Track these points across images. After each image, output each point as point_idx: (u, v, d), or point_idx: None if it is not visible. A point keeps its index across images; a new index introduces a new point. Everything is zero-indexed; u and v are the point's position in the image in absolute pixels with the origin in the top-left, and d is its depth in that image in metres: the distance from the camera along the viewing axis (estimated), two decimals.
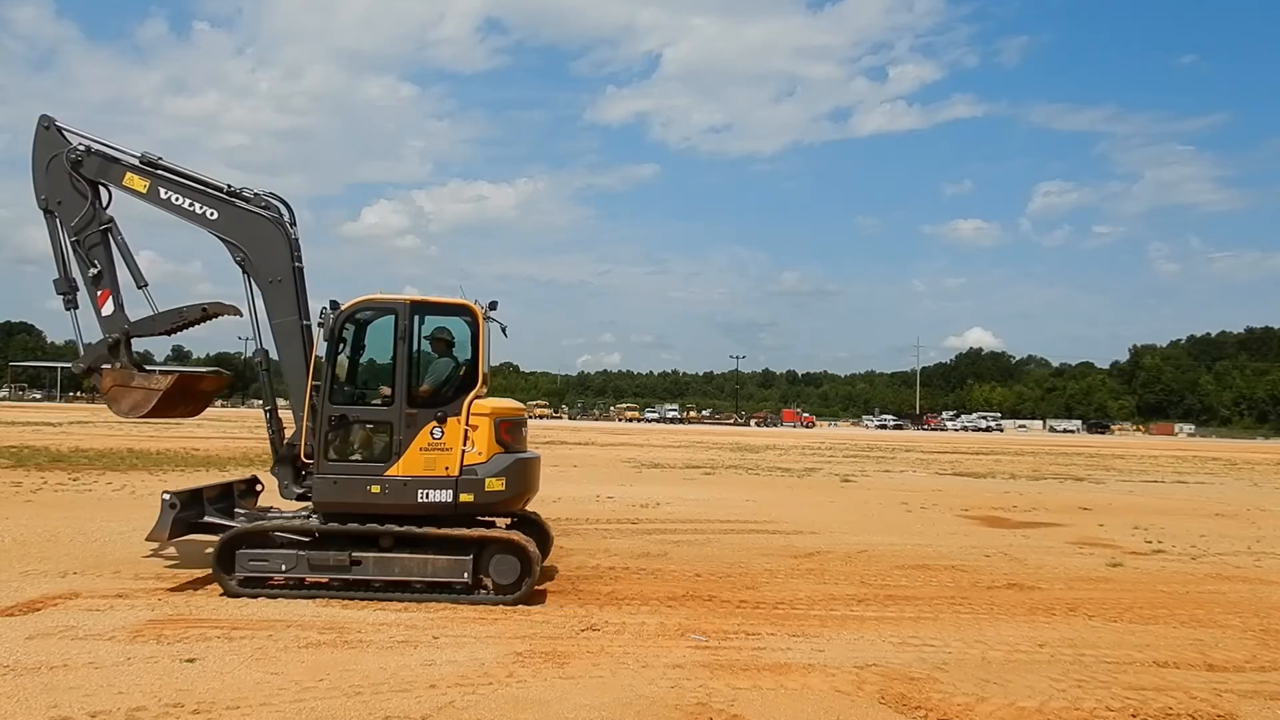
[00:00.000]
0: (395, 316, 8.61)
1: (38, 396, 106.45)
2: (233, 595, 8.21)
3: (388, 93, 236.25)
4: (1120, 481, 27.58)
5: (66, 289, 9.43)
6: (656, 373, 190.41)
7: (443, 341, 8.95)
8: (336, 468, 8.50)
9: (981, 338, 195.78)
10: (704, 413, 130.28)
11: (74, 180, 9.26)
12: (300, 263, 9.19)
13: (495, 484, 8.47)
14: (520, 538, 8.54)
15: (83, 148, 9.31)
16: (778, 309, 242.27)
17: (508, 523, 9.36)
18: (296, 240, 9.23)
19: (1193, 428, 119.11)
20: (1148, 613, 8.98)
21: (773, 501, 18.47)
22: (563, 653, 6.84)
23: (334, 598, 8.22)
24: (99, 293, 9.33)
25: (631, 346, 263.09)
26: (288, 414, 9.15)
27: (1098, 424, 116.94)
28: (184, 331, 9.56)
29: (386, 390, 8.72)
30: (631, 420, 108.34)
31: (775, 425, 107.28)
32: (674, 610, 8.37)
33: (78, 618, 7.39)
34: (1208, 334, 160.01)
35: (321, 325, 8.62)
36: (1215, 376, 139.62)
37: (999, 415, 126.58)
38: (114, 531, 11.47)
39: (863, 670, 6.67)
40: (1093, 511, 18.30)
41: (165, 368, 10.22)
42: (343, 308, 8.67)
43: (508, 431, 8.73)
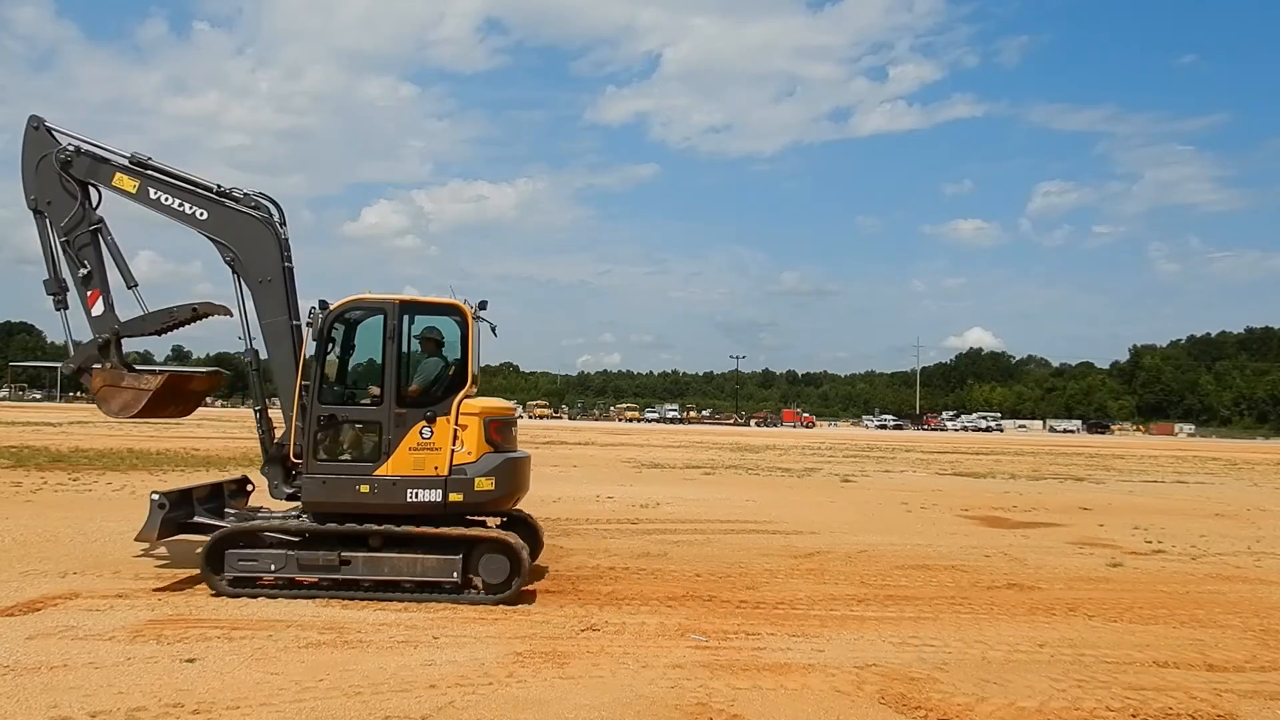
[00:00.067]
0: (384, 316, 8.61)
1: (38, 396, 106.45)
2: (222, 595, 8.20)
3: (388, 93, 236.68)
4: (1120, 481, 27.58)
5: (56, 289, 9.41)
6: (656, 373, 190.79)
7: (432, 341, 8.93)
8: (326, 467, 8.49)
9: (981, 338, 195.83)
10: (704, 413, 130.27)
11: (63, 180, 9.24)
12: (290, 263, 9.18)
13: (485, 483, 8.47)
14: (510, 537, 8.53)
15: (72, 148, 9.29)
16: (778, 309, 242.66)
17: (498, 522, 9.36)
18: (286, 240, 9.22)
19: (1193, 428, 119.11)
20: (1148, 613, 8.98)
21: (773, 501, 18.47)
22: (563, 653, 6.84)
23: (323, 597, 8.22)
24: (89, 293, 9.32)
25: (631, 346, 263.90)
26: (278, 414, 9.15)
27: (1098, 424, 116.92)
28: (177, 331, 9.55)
29: (376, 390, 8.70)
30: (631, 420, 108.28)
31: (775, 425, 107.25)
32: (674, 610, 8.37)
33: (78, 618, 7.39)
34: (1208, 334, 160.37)
35: (310, 325, 8.60)
36: (1215, 376, 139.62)
37: (999, 415, 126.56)
38: (114, 531, 11.46)
39: (863, 670, 6.67)
40: (1093, 511, 18.30)
41: (155, 367, 10.20)
42: (332, 307, 8.65)
43: (497, 431, 8.73)
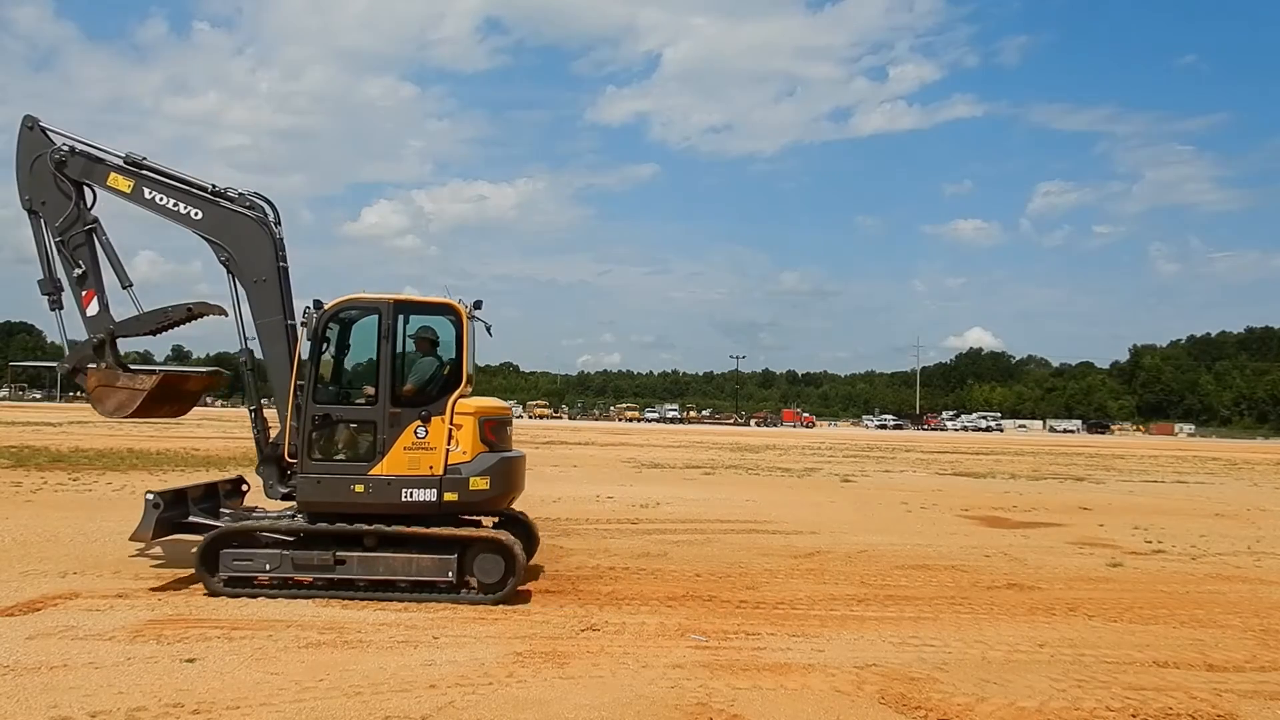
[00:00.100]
0: (379, 316, 8.60)
1: (38, 396, 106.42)
2: (217, 595, 8.20)
3: (388, 93, 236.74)
4: (1120, 481, 27.58)
5: (51, 289, 9.41)
6: (656, 373, 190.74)
7: (427, 341, 8.93)
8: (321, 467, 8.49)
9: (981, 338, 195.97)
10: (704, 413, 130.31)
11: (58, 181, 9.23)
12: (285, 262, 9.17)
13: (480, 483, 8.46)
14: (505, 536, 8.52)
15: (66, 148, 9.28)
16: (778, 309, 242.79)
17: (493, 522, 9.36)
18: (281, 240, 9.22)
19: (1193, 428, 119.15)
20: (1148, 613, 8.97)
21: (773, 501, 18.46)
22: (563, 653, 6.84)
23: (318, 597, 8.22)
24: (84, 293, 9.31)
25: (631, 346, 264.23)
26: (274, 414, 9.14)
27: (1098, 424, 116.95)
28: (174, 331, 9.55)
29: (370, 389, 8.70)
30: (631, 420, 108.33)
31: (775, 425, 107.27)
32: (674, 610, 8.37)
33: (78, 618, 7.39)
34: (1208, 334, 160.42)
35: (305, 325, 8.60)
36: (1215, 376, 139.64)
37: (999, 415, 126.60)
38: (114, 531, 11.44)
39: (863, 670, 6.67)
40: (1093, 511, 18.30)
41: (150, 367, 10.19)
42: (326, 307, 8.66)
43: (492, 430, 8.72)
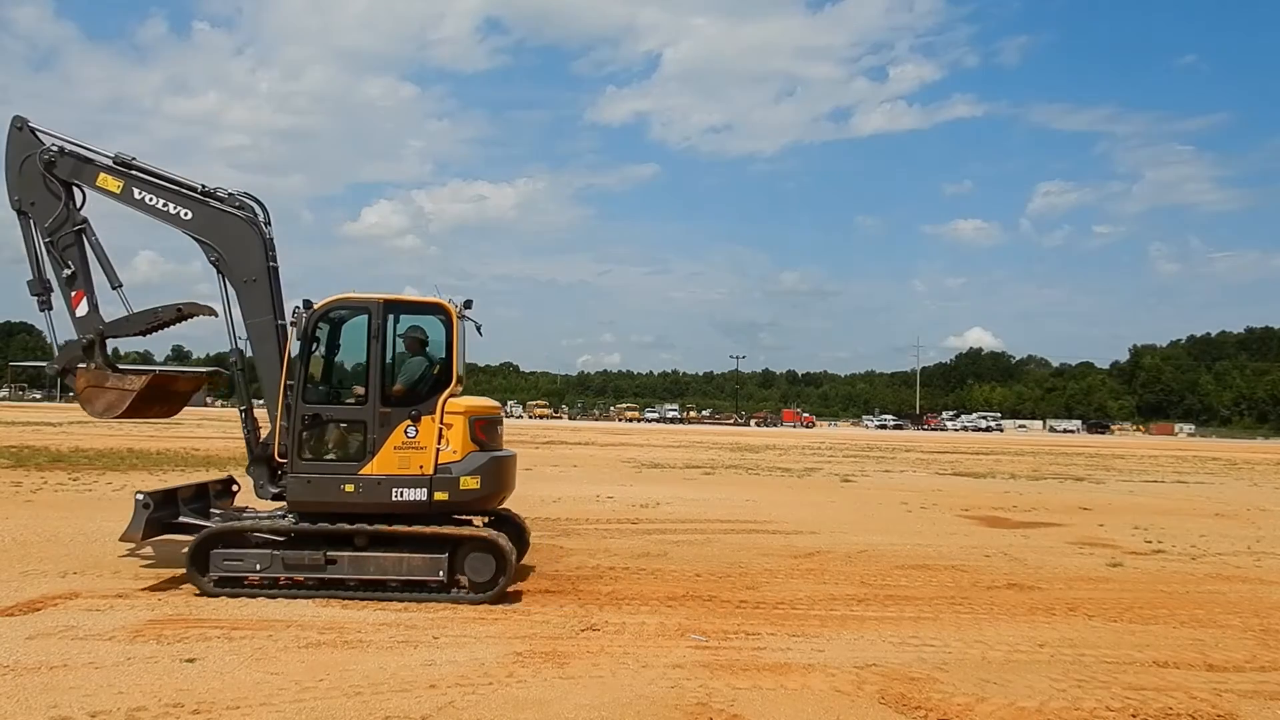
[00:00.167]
0: (368, 315, 8.61)
1: (38, 396, 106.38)
2: (207, 595, 8.20)
3: (388, 93, 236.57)
4: (1120, 481, 27.58)
5: (40, 290, 9.41)
6: (656, 373, 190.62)
7: (416, 340, 8.93)
8: (311, 467, 8.49)
9: (981, 338, 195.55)
10: (704, 413, 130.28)
11: (47, 181, 9.22)
12: (275, 262, 9.18)
13: (470, 482, 8.46)
14: (495, 535, 8.53)
15: (56, 148, 9.27)
16: (778, 309, 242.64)
17: (484, 521, 9.36)
18: (271, 240, 9.22)
19: (1193, 428, 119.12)
20: (1148, 613, 8.97)
21: (773, 501, 18.46)
22: (563, 653, 6.84)
23: (308, 597, 8.23)
24: (73, 294, 9.31)
25: (631, 346, 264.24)
26: (264, 414, 9.12)
27: (1098, 424, 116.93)
28: (172, 330, 9.55)
29: (360, 389, 8.70)
30: (631, 420, 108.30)
31: (775, 425, 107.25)
32: (674, 610, 8.37)
33: (78, 618, 7.39)
34: (1208, 334, 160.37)
35: (295, 324, 8.59)
36: (1215, 376, 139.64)
37: (999, 415, 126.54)
38: (114, 532, 11.35)
39: (863, 670, 6.67)
40: (1093, 511, 18.30)
41: (140, 368, 10.19)
42: (316, 307, 8.65)
43: (483, 430, 8.72)
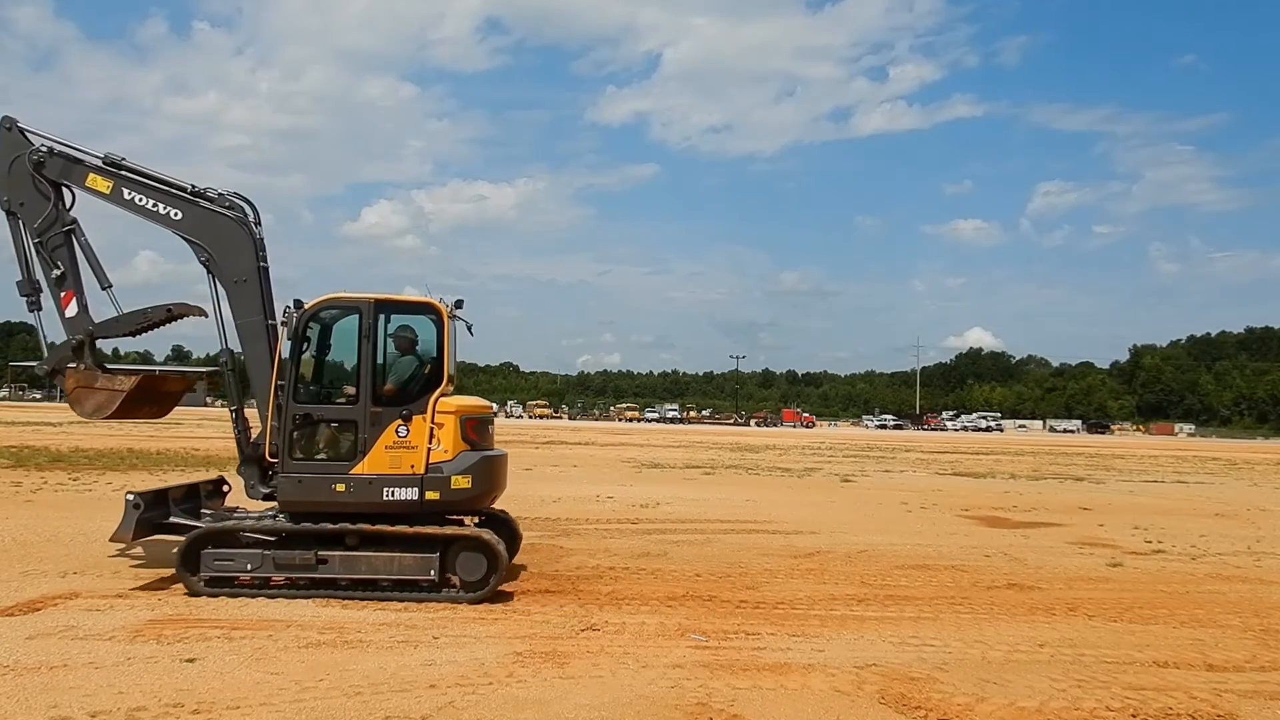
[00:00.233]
0: (359, 315, 8.60)
1: (38, 396, 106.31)
2: (198, 595, 8.20)
3: (388, 93, 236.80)
4: (1120, 481, 27.58)
5: (29, 291, 9.41)
6: (656, 373, 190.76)
7: (407, 340, 8.93)
8: (301, 467, 8.49)
9: (981, 338, 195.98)
10: (704, 413, 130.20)
11: (36, 182, 9.21)
12: (265, 262, 9.17)
13: (461, 481, 8.46)
14: (487, 535, 8.53)
15: (45, 149, 9.26)
16: (778, 309, 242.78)
17: (476, 521, 9.36)
18: (262, 240, 9.22)
19: (1193, 428, 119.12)
20: (1148, 613, 8.97)
21: (773, 501, 18.46)
22: (563, 653, 6.84)
23: (299, 596, 8.23)
24: (62, 294, 9.31)
25: (631, 346, 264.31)
26: (255, 413, 9.13)
27: (1098, 424, 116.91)
28: (162, 330, 9.55)
29: (351, 389, 8.70)
30: (631, 420, 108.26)
31: (775, 425, 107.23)
32: (674, 610, 8.37)
33: (78, 618, 7.39)
34: (1208, 334, 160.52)
35: (285, 324, 8.60)
36: (1215, 376, 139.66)
37: (999, 415, 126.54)
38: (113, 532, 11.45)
39: (863, 670, 6.67)
40: (1093, 511, 18.30)
41: (129, 368, 10.18)
42: (306, 307, 8.65)
43: (474, 429, 8.72)
